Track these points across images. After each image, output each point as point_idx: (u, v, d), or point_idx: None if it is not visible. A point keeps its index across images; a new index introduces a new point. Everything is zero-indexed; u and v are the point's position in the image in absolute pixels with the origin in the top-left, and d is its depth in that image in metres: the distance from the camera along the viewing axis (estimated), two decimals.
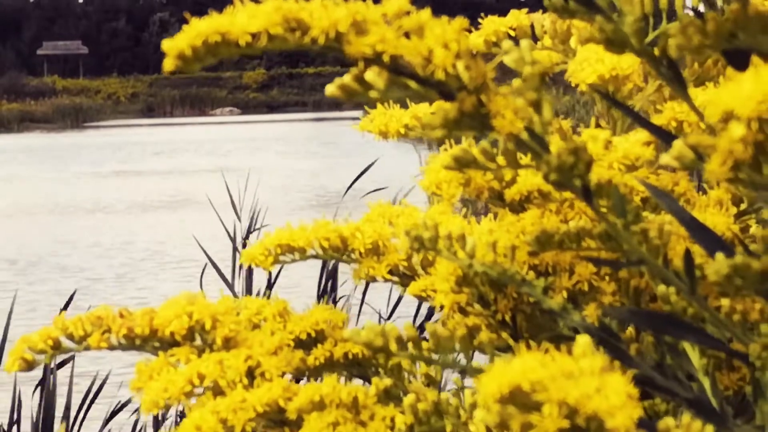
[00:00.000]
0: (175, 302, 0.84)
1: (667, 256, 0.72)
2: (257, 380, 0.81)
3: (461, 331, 0.78)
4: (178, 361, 0.83)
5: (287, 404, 0.80)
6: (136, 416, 3.48)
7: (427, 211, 0.91)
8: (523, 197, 0.85)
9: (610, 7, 0.71)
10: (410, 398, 0.80)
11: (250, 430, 0.78)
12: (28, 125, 45.55)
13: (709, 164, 0.58)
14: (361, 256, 0.91)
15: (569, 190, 0.68)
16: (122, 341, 0.83)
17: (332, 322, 0.91)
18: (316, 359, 0.89)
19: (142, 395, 0.82)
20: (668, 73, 0.69)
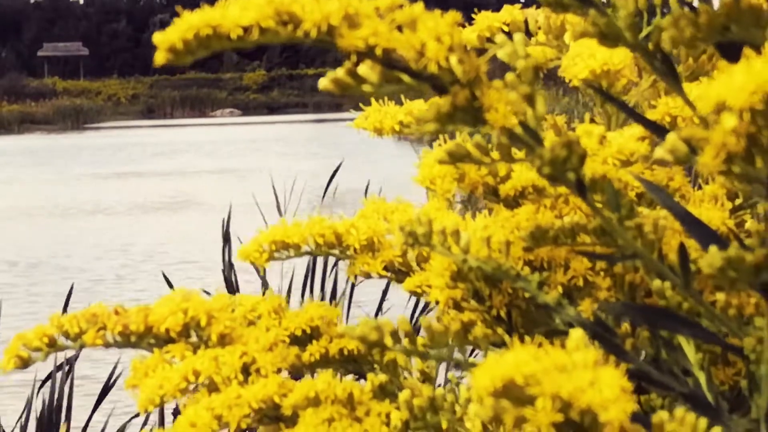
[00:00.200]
0: (170, 299, 0.83)
1: (662, 250, 0.72)
2: (252, 376, 0.81)
3: (456, 326, 0.78)
4: (173, 357, 0.83)
5: (282, 400, 0.79)
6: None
7: (422, 207, 0.91)
8: (517, 193, 0.85)
9: (603, 1, 0.71)
10: (405, 394, 0.80)
11: (245, 426, 0.78)
12: (28, 126, 45.56)
13: (702, 157, 0.58)
14: (355, 252, 0.91)
15: (563, 184, 0.68)
16: (117, 338, 0.83)
17: (327, 318, 0.91)
18: (311, 356, 0.88)
19: (137, 392, 0.82)
20: (662, 67, 0.69)
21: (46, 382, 3.50)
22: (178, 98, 57.09)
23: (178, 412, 0.80)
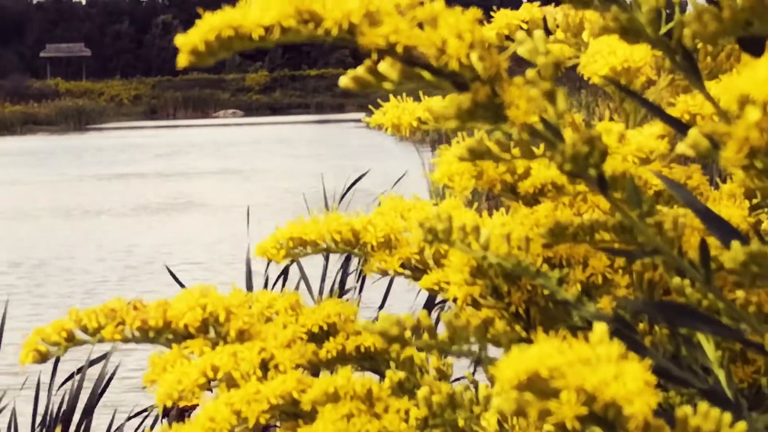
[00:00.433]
0: (188, 294, 0.84)
1: (682, 247, 0.72)
2: (271, 372, 0.81)
3: (476, 321, 0.78)
4: (191, 353, 0.83)
5: (301, 396, 0.80)
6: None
7: (440, 204, 0.91)
8: (536, 190, 0.85)
9: None
10: (425, 390, 0.80)
11: (263, 421, 0.78)
12: (31, 127, 45.60)
13: (724, 152, 0.58)
14: (372, 249, 0.91)
15: (584, 180, 0.68)
16: (136, 333, 0.83)
17: (343, 315, 0.91)
18: (328, 352, 0.89)
19: (156, 387, 0.82)
20: (683, 63, 0.69)
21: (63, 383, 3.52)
22: (180, 99, 57.13)
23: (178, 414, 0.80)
